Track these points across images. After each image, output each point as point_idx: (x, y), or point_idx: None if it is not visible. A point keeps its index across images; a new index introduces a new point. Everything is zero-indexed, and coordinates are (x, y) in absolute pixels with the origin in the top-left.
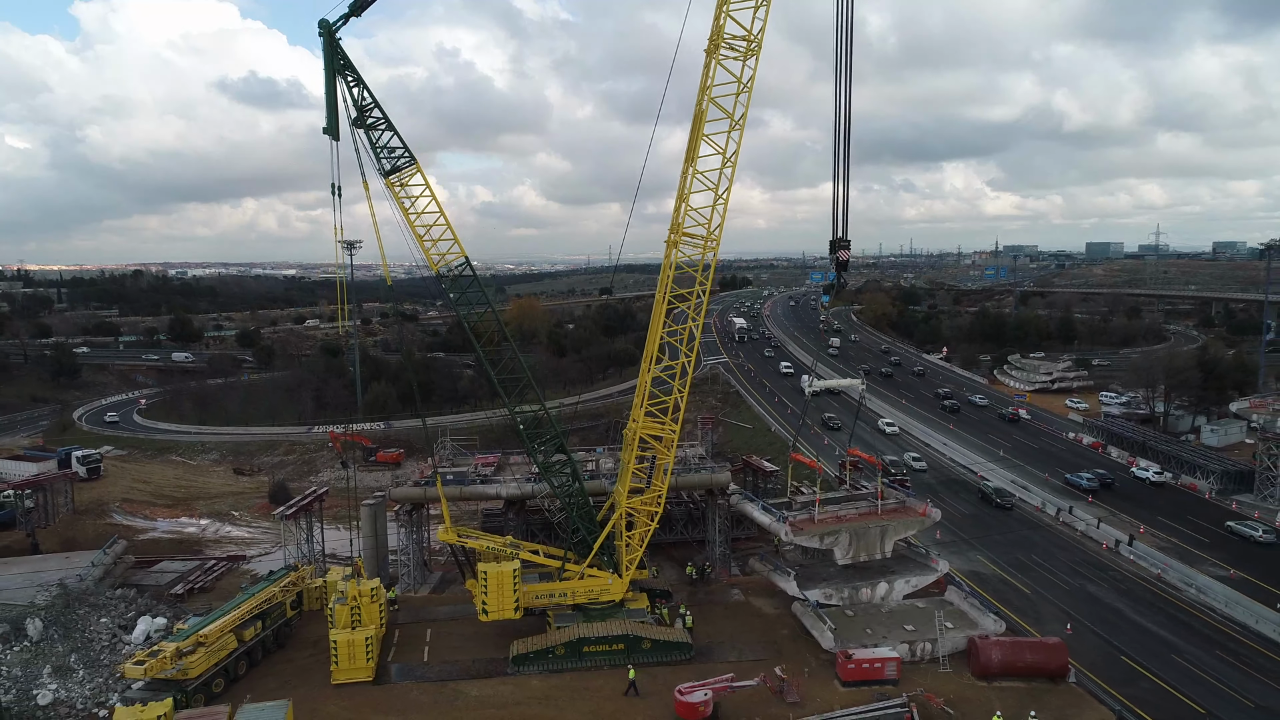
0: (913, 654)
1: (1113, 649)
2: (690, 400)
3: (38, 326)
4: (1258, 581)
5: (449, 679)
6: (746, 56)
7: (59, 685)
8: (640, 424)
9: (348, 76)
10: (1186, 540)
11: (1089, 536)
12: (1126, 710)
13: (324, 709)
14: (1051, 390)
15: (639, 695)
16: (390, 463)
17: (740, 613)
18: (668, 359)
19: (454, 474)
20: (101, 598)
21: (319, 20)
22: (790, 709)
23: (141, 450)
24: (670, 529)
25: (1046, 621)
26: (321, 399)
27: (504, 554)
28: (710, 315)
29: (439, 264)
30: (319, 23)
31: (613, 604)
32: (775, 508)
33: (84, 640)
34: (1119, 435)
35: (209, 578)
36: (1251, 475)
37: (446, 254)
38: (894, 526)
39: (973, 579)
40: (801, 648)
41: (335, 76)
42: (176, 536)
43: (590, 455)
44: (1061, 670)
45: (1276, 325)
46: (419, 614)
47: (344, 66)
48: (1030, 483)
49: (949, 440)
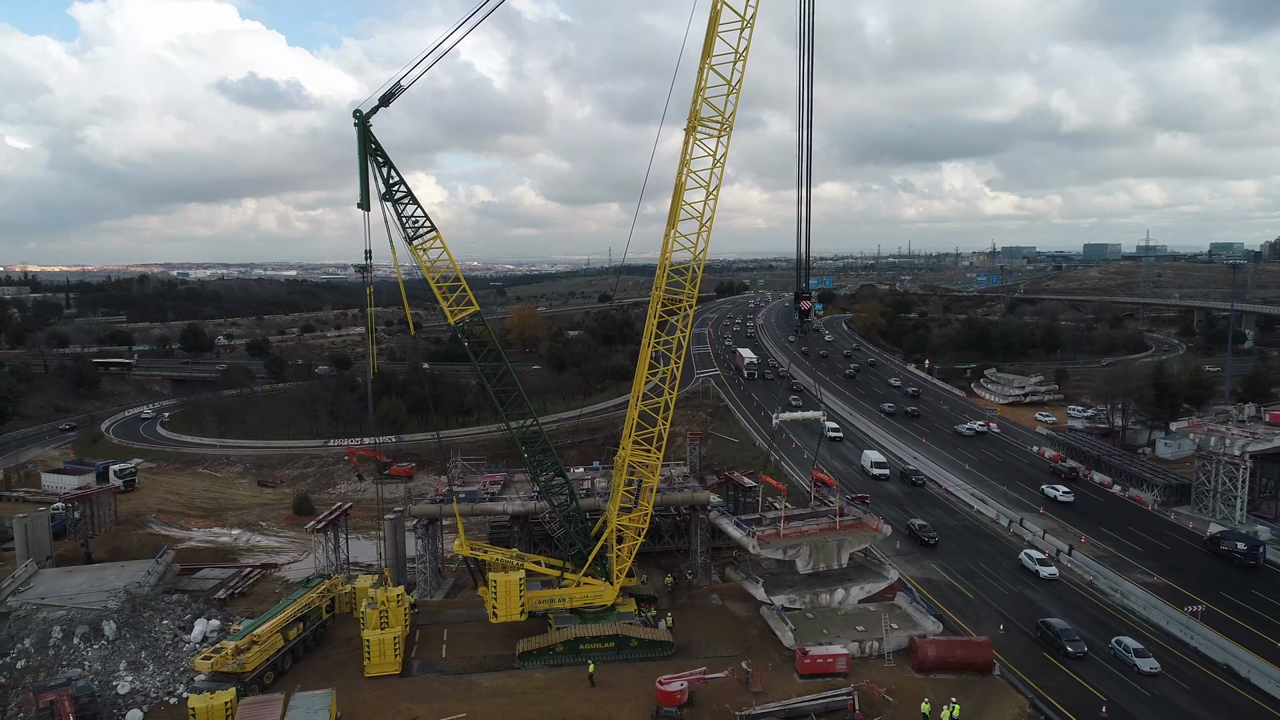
0: (862, 651)
1: (1038, 646)
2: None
3: (55, 337)
4: (1178, 587)
5: (464, 673)
6: (720, 134)
7: (134, 677)
8: (629, 452)
9: (378, 158)
10: (1122, 549)
11: (1035, 546)
12: (1039, 699)
13: (359, 698)
14: (1024, 403)
15: (595, 686)
16: (403, 476)
17: (717, 615)
18: (663, 366)
19: (466, 493)
20: (161, 602)
21: (353, 110)
22: (753, 697)
23: (170, 463)
24: (658, 539)
25: (984, 623)
26: (335, 412)
27: (511, 565)
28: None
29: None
30: (354, 112)
31: (605, 608)
32: (747, 522)
33: (151, 639)
34: (1077, 449)
35: (246, 583)
36: (1190, 489)
37: (463, 310)
38: (850, 540)
39: (925, 585)
40: (767, 645)
41: (368, 158)
42: (212, 545)
43: (587, 473)
44: (987, 665)
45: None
46: (436, 616)
47: (375, 150)
48: (989, 495)
49: (919, 454)
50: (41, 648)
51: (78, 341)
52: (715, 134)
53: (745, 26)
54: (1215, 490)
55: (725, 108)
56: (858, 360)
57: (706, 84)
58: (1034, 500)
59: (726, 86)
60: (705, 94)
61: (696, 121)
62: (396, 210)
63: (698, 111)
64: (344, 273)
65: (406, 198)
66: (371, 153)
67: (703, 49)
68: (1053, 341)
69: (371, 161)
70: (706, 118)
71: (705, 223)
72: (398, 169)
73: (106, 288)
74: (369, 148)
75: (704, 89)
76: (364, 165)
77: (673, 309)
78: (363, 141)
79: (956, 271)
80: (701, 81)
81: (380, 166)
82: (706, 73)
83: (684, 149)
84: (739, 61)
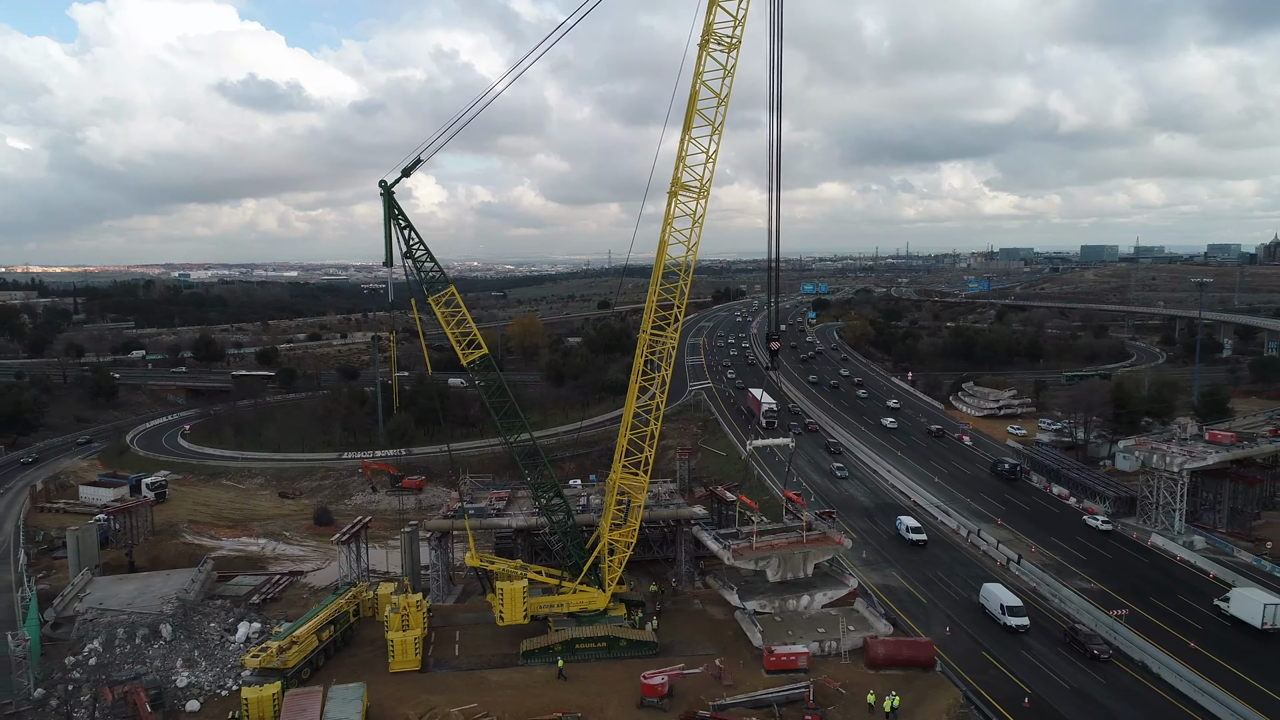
0: (822, 650)
1: (977, 645)
2: (673, 428)
3: (73, 348)
4: (1111, 592)
5: (475, 669)
6: (699, 197)
7: (189, 673)
8: (618, 476)
9: (400, 222)
10: (1068, 558)
11: (989, 555)
12: (972, 691)
13: (385, 690)
14: (998, 416)
15: (565, 680)
16: (414, 488)
17: (697, 618)
18: (654, 372)
19: (475, 509)
20: (207, 607)
21: (379, 180)
22: (725, 690)
23: (194, 474)
24: (647, 549)
25: (934, 625)
26: (347, 424)
27: (515, 574)
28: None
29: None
30: (379, 182)
31: (598, 612)
32: (724, 536)
33: (201, 639)
34: (1039, 462)
35: (276, 590)
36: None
37: (474, 353)
38: (814, 552)
39: (885, 591)
40: (740, 645)
41: (392, 223)
42: (243, 554)
43: (583, 488)
44: (929, 662)
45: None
46: (449, 619)
47: (398, 215)
48: (952, 506)
49: (894, 467)
50: (109, 647)
51: (93, 350)
52: (694, 197)
53: (721, 103)
54: (1157, 503)
55: (703, 175)
56: (837, 378)
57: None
58: (993, 511)
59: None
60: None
61: (678, 188)
62: (416, 266)
63: (679, 178)
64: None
65: (425, 255)
66: (395, 218)
67: (683, 127)
68: (1036, 351)
69: (395, 225)
70: (686, 183)
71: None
72: (418, 231)
73: (114, 292)
74: (393, 213)
75: (684, 156)
76: (389, 228)
77: (661, 329)
78: (388, 208)
79: (954, 274)
80: (683, 150)
81: (402, 229)
82: (687, 143)
83: (666, 210)
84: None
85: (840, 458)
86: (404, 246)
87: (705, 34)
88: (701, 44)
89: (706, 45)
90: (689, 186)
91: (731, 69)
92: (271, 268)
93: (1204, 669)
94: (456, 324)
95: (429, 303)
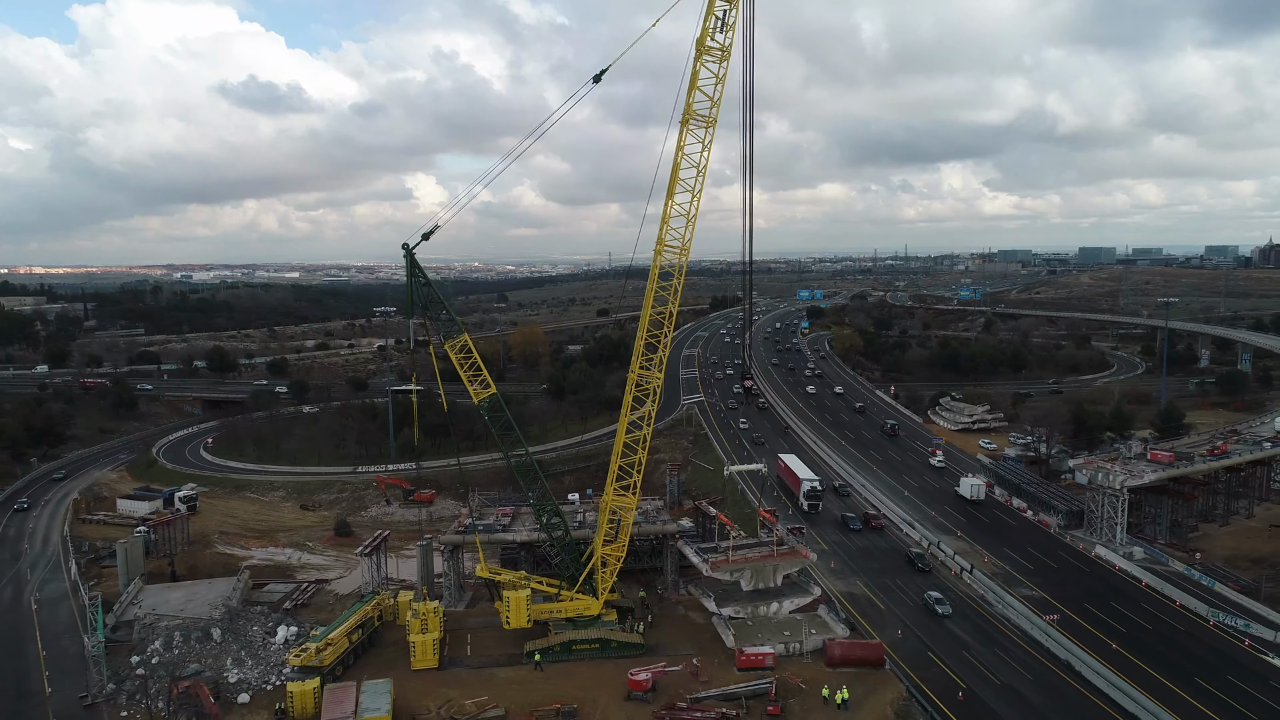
0: (787, 651)
1: (924, 646)
2: (665, 442)
3: (92, 359)
4: (1051, 599)
5: (485, 667)
6: (680, 255)
7: (238, 670)
8: (610, 497)
9: (420, 279)
10: (1016, 567)
11: (945, 565)
12: (914, 687)
13: (408, 685)
14: (972, 430)
15: (543, 670)
16: (425, 501)
17: (681, 623)
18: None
19: (484, 525)
20: (249, 612)
21: (402, 244)
22: (700, 685)
23: (219, 487)
24: (637, 559)
25: (887, 628)
26: (361, 439)
27: (520, 584)
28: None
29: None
30: (402, 245)
31: (593, 617)
32: (705, 550)
33: (246, 641)
34: (1002, 476)
35: (305, 596)
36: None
37: (484, 392)
38: (783, 565)
39: (848, 598)
40: (717, 647)
41: (413, 281)
42: (272, 563)
43: (580, 504)
44: (879, 661)
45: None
46: (461, 623)
47: (419, 274)
48: (918, 519)
49: (868, 480)
50: (168, 648)
51: (109, 360)
52: (676, 254)
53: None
54: (1102, 516)
55: (685, 235)
56: (816, 388)
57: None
58: (955, 524)
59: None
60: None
61: (662, 246)
62: (432, 317)
63: (663, 236)
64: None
65: (442, 309)
66: (415, 276)
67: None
68: (1019, 362)
69: (415, 282)
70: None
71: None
72: (435, 287)
73: (122, 299)
74: (414, 273)
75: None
76: (411, 285)
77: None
78: (410, 268)
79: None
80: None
81: (422, 286)
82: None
83: (653, 266)
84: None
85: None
86: (423, 302)
87: (699, 42)
88: (696, 54)
89: (700, 56)
90: (670, 243)
91: (722, 77)
92: (273, 268)
93: (1123, 668)
94: (469, 367)
95: (445, 348)
